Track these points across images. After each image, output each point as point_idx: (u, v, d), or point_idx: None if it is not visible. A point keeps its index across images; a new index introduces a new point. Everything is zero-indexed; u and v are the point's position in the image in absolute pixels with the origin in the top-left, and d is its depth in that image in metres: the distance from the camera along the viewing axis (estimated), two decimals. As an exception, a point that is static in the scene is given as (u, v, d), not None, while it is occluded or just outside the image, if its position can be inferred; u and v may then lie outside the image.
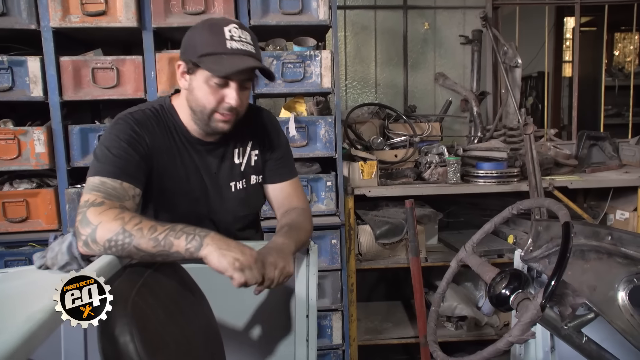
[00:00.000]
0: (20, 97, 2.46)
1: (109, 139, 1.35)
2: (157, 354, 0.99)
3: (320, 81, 2.55)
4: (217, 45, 1.30)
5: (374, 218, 2.77)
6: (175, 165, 1.45)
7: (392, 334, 2.87)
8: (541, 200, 1.28)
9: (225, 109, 1.37)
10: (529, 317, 1.02)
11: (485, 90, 3.37)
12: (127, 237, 1.15)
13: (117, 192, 1.27)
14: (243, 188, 1.56)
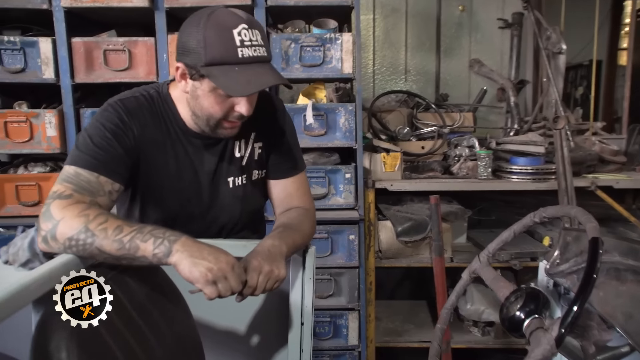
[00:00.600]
0: (32, 79, 2.40)
1: (94, 127, 1.23)
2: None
3: (341, 66, 2.39)
4: (227, 54, 1.13)
5: (395, 213, 2.59)
6: (167, 160, 1.32)
7: (413, 337, 2.71)
8: (568, 208, 1.09)
9: (235, 117, 1.23)
10: (540, 353, 0.85)
11: (525, 78, 3.11)
12: (89, 236, 1.03)
13: (90, 185, 1.15)
14: (242, 185, 1.42)
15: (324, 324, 2.57)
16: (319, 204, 2.47)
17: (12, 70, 2.38)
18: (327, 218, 2.45)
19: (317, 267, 2.47)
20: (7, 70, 2.38)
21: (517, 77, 3.06)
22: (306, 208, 1.46)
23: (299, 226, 1.37)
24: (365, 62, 3.24)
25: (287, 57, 2.39)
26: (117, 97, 1.28)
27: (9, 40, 2.37)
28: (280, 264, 1.15)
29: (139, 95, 1.29)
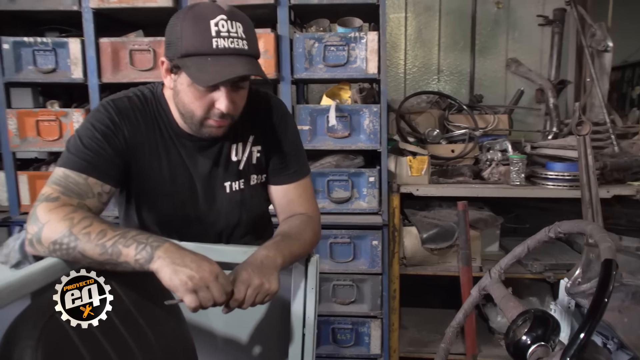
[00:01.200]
0: (62, 78, 2.45)
1: (84, 128, 1.21)
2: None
3: (366, 66, 2.31)
4: (202, 44, 1.09)
5: (422, 219, 2.49)
6: (160, 163, 1.28)
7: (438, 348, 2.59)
8: (583, 224, 0.99)
9: (217, 115, 1.18)
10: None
11: (566, 78, 2.94)
12: (72, 240, 1.01)
13: (79, 187, 1.13)
14: (240, 189, 1.36)
15: (345, 331, 2.51)
16: (341, 207, 2.41)
17: (44, 71, 2.44)
18: (349, 222, 2.38)
19: (339, 273, 2.44)
20: (40, 70, 2.44)
21: (558, 78, 2.89)
22: (309, 215, 1.39)
23: (299, 235, 1.30)
24: (396, 61, 3.15)
25: (311, 56, 2.33)
26: (110, 97, 1.26)
27: (42, 41, 2.42)
28: (272, 277, 1.09)
29: (132, 95, 1.27)
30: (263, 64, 2.27)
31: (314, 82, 2.94)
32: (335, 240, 2.41)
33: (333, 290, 2.46)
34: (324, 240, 2.40)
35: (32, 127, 2.46)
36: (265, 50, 2.30)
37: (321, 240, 2.37)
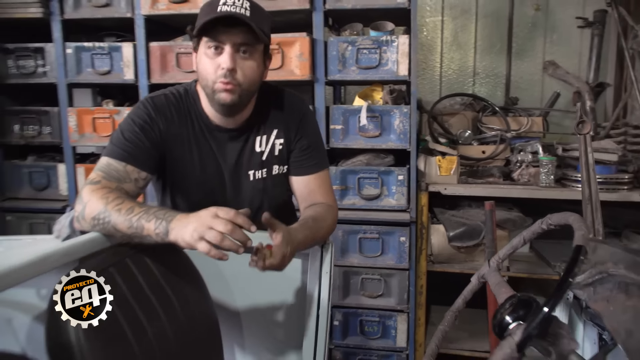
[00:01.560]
0: (116, 80, 2.66)
1: (125, 122, 1.38)
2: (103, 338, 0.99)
3: (397, 68, 2.40)
4: (209, 12, 1.26)
5: (450, 218, 2.55)
6: (191, 154, 1.44)
7: (465, 345, 2.65)
8: (567, 215, 1.05)
9: (222, 75, 1.30)
10: (500, 356, 0.84)
11: (605, 81, 2.91)
12: (107, 216, 1.17)
13: (118, 173, 1.29)
14: (262, 178, 1.50)
15: (372, 324, 2.59)
16: (371, 204, 2.50)
17: (100, 72, 2.66)
18: (378, 219, 2.47)
19: (367, 267, 2.53)
20: (97, 72, 2.66)
21: (596, 80, 2.87)
22: (330, 205, 1.51)
23: (322, 221, 1.42)
24: (433, 64, 3.21)
25: (344, 59, 2.44)
26: (149, 95, 1.42)
27: (99, 46, 2.65)
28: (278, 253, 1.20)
29: (168, 93, 1.43)
30: (298, 66, 2.42)
31: (346, 84, 3.04)
32: (365, 235, 2.50)
33: (362, 283, 2.55)
34: (354, 235, 2.51)
35: (89, 124, 2.69)
36: (301, 53, 2.43)
37: (350, 235, 2.50)
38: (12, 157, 2.90)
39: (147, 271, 1.20)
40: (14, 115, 2.82)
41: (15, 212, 2.86)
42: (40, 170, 2.85)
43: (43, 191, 2.85)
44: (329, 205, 1.51)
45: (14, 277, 0.97)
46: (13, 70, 2.74)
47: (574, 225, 0.97)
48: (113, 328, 1.03)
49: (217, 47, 1.29)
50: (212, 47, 1.29)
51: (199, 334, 1.30)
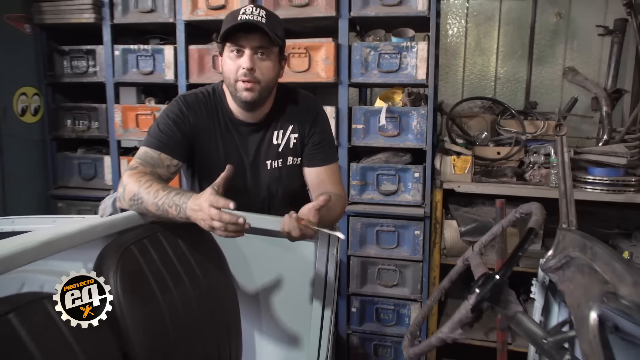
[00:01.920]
0: (157, 79, 2.92)
1: (161, 117, 1.61)
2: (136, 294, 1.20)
3: (415, 72, 2.56)
4: (231, 21, 1.48)
5: (463, 214, 2.69)
6: (217, 144, 1.65)
7: (475, 335, 2.77)
8: (532, 205, 1.20)
9: (242, 74, 1.51)
10: (457, 316, 1.01)
11: (623, 88, 2.98)
12: (139, 197, 1.39)
13: (153, 160, 1.51)
14: (278, 167, 1.70)
15: (387, 311, 2.76)
16: (388, 199, 2.67)
17: (144, 72, 2.92)
18: (394, 213, 2.64)
19: (383, 258, 2.70)
20: (141, 72, 2.92)
21: (614, 87, 2.95)
22: (338, 194, 1.69)
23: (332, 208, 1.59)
24: (456, 68, 3.34)
25: (367, 63, 2.62)
26: (182, 94, 1.65)
27: (143, 48, 2.91)
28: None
29: (198, 92, 1.65)
30: (324, 69, 2.62)
31: (368, 87, 3.21)
32: (382, 228, 2.67)
33: (378, 273, 2.72)
34: (372, 227, 2.68)
35: (132, 120, 2.95)
36: (327, 57, 2.62)
37: (368, 228, 2.68)
38: (64, 149, 3.20)
39: (175, 244, 1.42)
40: (67, 111, 3.11)
41: (65, 199, 3.16)
42: (88, 162, 3.13)
43: (90, 181, 3.13)
44: (338, 194, 1.69)
45: (67, 242, 1.20)
46: (67, 70, 3.03)
47: (533, 212, 1.13)
48: (145, 288, 1.25)
49: (239, 51, 1.50)
50: (234, 51, 1.50)
51: (218, 301, 1.50)
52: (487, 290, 1.00)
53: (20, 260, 1.01)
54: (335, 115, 2.64)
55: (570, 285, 1.23)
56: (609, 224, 2.83)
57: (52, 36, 3.09)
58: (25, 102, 3.00)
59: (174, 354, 1.29)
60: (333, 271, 1.63)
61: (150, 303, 1.24)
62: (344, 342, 2.83)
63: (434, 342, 1.07)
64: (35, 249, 1.05)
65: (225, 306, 1.53)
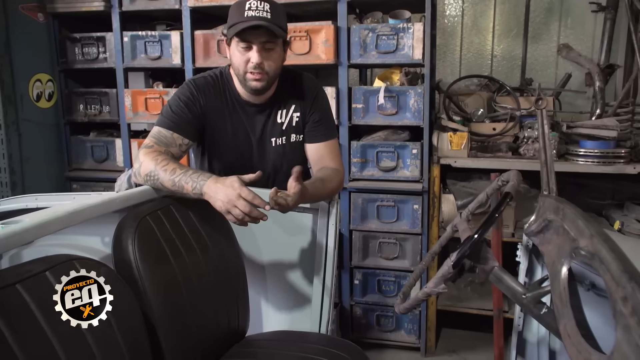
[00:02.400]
0: (164, 64, 3.03)
1: (173, 99, 1.73)
2: (152, 258, 1.34)
3: (412, 53, 2.66)
4: (238, 17, 1.59)
5: (460, 188, 2.81)
6: (225, 123, 1.77)
7: (473, 304, 2.91)
8: (510, 172, 1.32)
9: (251, 68, 1.63)
10: (441, 272, 1.14)
11: (616, 63, 3.06)
12: (156, 173, 1.52)
13: (166, 139, 1.64)
14: (282, 144, 1.83)
15: (389, 283, 2.90)
16: (387, 175, 2.79)
17: (152, 58, 3.04)
18: (394, 188, 2.76)
19: (384, 232, 2.83)
20: (149, 57, 3.04)
21: (607, 62, 3.03)
22: (338, 169, 1.81)
23: (328, 181, 1.73)
24: (453, 47, 3.42)
25: (365, 44, 2.72)
26: (192, 77, 1.78)
27: (151, 34, 3.02)
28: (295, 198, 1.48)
29: (207, 75, 1.77)
30: (324, 51, 2.72)
31: (367, 67, 3.31)
32: (382, 203, 2.80)
33: (379, 246, 2.85)
34: (372, 202, 2.81)
35: (142, 104, 3.08)
36: (326, 39, 2.72)
37: (369, 203, 2.80)
38: (77, 132, 3.34)
39: (186, 216, 1.55)
40: (80, 96, 3.24)
41: (79, 181, 3.31)
42: (100, 145, 3.27)
43: (103, 163, 3.27)
44: (336, 168, 1.81)
45: (90, 212, 1.34)
46: (79, 57, 3.16)
47: (510, 179, 1.25)
48: (160, 253, 1.39)
49: (247, 46, 1.61)
50: (242, 46, 1.62)
51: (227, 269, 1.64)
52: (467, 248, 1.12)
53: (53, 227, 1.15)
54: (336, 96, 2.75)
55: (548, 246, 1.35)
56: (602, 195, 2.94)
57: (63, 24, 3.22)
58: (40, 88, 3.13)
59: (188, 314, 1.44)
60: (333, 240, 1.76)
61: (165, 267, 1.39)
62: (348, 313, 2.98)
63: (421, 297, 1.20)
64: (64, 217, 1.19)
65: (233, 274, 1.67)
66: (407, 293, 1.49)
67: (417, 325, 2.91)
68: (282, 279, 1.91)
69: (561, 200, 1.28)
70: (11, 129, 2.95)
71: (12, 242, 1.08)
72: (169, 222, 1.47)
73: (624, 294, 0.76)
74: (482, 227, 1.14)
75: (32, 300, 0.98)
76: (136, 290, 1.27)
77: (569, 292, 1.12)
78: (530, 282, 1.69)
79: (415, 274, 1.57)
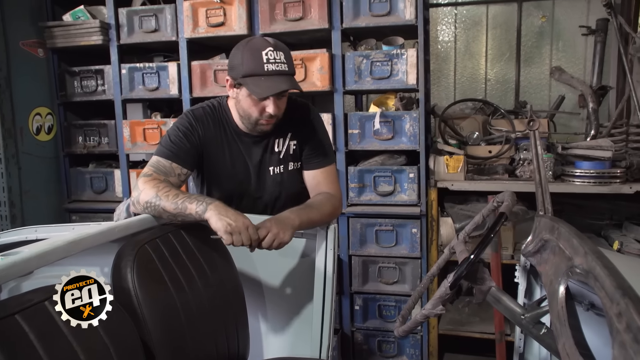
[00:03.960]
0: (162, 95, 3.07)
1: (172, 129, 1.75)
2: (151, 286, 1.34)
3: (406, 78, 2.70)
4: (257, 68, 1.58)
5: (458, 211, 2.82)
6: (224, 153, 1.79)
7: (475, 328, 2.89)
8: (505, 193, 1.33)
9: (266, 117, 1.67)
10: (438, 293, 1.14)
11: (608, 84, 3.11)
12: (157, 200, 1.53)
13: (165, 169, 1.66)
14: (280, 173, 1.84)
15: (389, 308, 2.88)
16: (385, 200, 2.80)
17: (150, 89, 3.08)
18: (392, 212, 2.77)
19: (383, 256, 2.83)
20: (147, 89, 3.08)
21: (599, 84, 3.07)
22: (332, 194, 1.82)
23: (319, 207, 1.73)
24: (447, 72, 3.48)
25: (360, 71, 2.76)
26: (190, 108, 1.80)
27: (149, 66, 3.07)
28: (287, 231, 1.52)
29: (205, 106, 1.80)
30: (319, 79, 2.77)
31: (362, 93, 3.36)
32: (380, 227, 2.80)
33: (379, 271, 2.85)
34: (371, 227, 2.81)
35: (140, 134, 3.11)
36: (321, 66, 2.77)
37: (368, 228, 2.81)
38: (76, 164, 3.36)
39: (184, 243, 1.56)
40: (79, 129, 3.27)
41: (79, 213, 3.32)
42: (99, 176, 3.28)
43: (102, 194, 3.28)
44: (330, 194, 1.82)
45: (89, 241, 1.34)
46: (78, 90, 3.20)
47: (504, 200, 1.26)
48: (159, 281, 1.39)
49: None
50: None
51: (226, 295, 1.64)
52: (463, 269, 1.13)
53: (52, 256, 1.15)
54: (332, 122, 2.78)
55: (545, 266, 1.35)
56: (601, 216, 2.94)
57: (63, 58, 3.27)
58: (40, 121, 3.17)
59: (187, 342, 1.43)
60: (331, 265, 1.76)
61: (163, 295, 1.38)
62: (349, 339, 2.96)
63: (419, 319, 1.20)
64: (64, 247, 1.19)
65: (232, 300, 1.67)
66: (406, 316, 1.49)
67: (419, 350, 2.88)
68: (281, 305, 1.90)
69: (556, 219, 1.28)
70: (11, 162, 2.97)
71: (12, 272, 1.08)
72: (168, 250, 1.47)
73: (618, 310, 0.76)
74: (478, 247, 1.15)
75: (30, 331, 0.98)
76: (135, 318, 1.27)
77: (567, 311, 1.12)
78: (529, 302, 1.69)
79: (413, 296, 1.57)
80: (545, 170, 2.65)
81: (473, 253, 1.14)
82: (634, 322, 0.70)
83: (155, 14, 2.99)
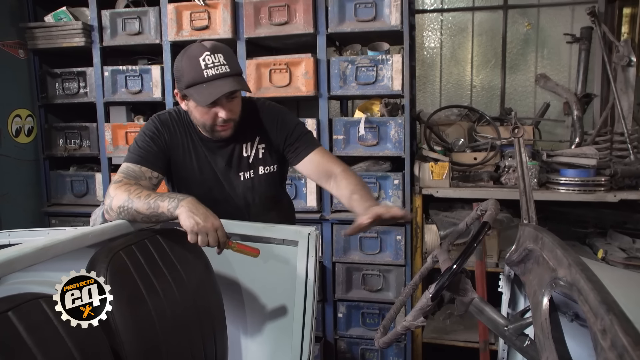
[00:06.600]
0: (145, 98, 3.03)
1: (139, 135, 1.72)
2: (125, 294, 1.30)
3: (392, 84, 2.68)
4: (197, 76, 1.54)
5: (442, 218, 2.80)
6: (191, 159, 1.76)
7: (459, 337, 2.87)
8: (488, 201, 1.32)
9: (221, 123, 1.63)
10: (419, 305, 1.12)
11: (592, 92, 3.12)
12: (130, 202, 1.49)
13: (135, 173, 1.62)
14: (250, 178, 1.80)
15: (373, 315, 2.85)
16: (370, 206, 2.76)
17: (132, 92, 3.03)
18: (377, 219, 2.74)
19: (367, 263, 2.80)
20: (129, 91, 3.03)
21: (583, 91, 3.09)
22: (343, 168, 1.75)
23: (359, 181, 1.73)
24: (433, 79, 3.48)
25: (345, 76, 2.74)
26: (156, 114, 1.77)
27: (131, 69, 3.02)
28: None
29: (172, 111, 1.77)
30: (304, 84, 2.74)
31: (347, 99, 3.34)
32: (364, 235, 2.78)
33: (363, 278, 2.82)
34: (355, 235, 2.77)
35: (122, 137, 3.06)
36: (306, 71, 2.74)
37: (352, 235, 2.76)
38: (57, 167, 3.29)
39: (161, 250, 1.51)
40: (60, 131, 3.21)
41: (58, 216, 3.25)
42: (80, 179, 3.22)
43: (82, 197, 3.22)
44: (343, 169, 1.75)
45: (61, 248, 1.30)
46: (59, 92, 3.14)
47: (488, 209, 1.24)
48: (133, 289, 1.34)
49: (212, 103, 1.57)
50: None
51: (203, 302, 1.59)
52: (445, 279, 1.10)
53: (19, 264, 1.10)
54: (317, 127, 2.75)
55: (529, 276, 1.33)
56: (585, 224, 2.94)
57: (44, 60, 3.21)
58: (19, 123, 3.10)
59: (162, 353, 1.38)
60: (313, 272, 1.73)
61: (138, 304, 1.34)
62: (332, 348, 2.92)
63: (400, 331, 1.17)
64: (32, 254, 1.14)
65: (210, 307, 1.62)
66: (387, 326, 1.46)
67: (403, 359, 2.85)
68: (262, 313, 1.86)
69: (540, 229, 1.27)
70: (-12, 164, 2.91)
71: (-24, 281, 1.03)
72: (144, 256, 1.43)
73: (602, 326, 0.74)
74: (461, 257, 1.12)
75: (-8, 343, 0.94)
76: (107, 328, 1.22)
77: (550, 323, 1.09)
78: (513, 313, 1.67)
79: (395, 306, 1.54)
80: (530, 178, 2.64)
81: (456, 263, 1.12)
82: (618, 339, 0.67)
83: (139, 16, 2.95)
